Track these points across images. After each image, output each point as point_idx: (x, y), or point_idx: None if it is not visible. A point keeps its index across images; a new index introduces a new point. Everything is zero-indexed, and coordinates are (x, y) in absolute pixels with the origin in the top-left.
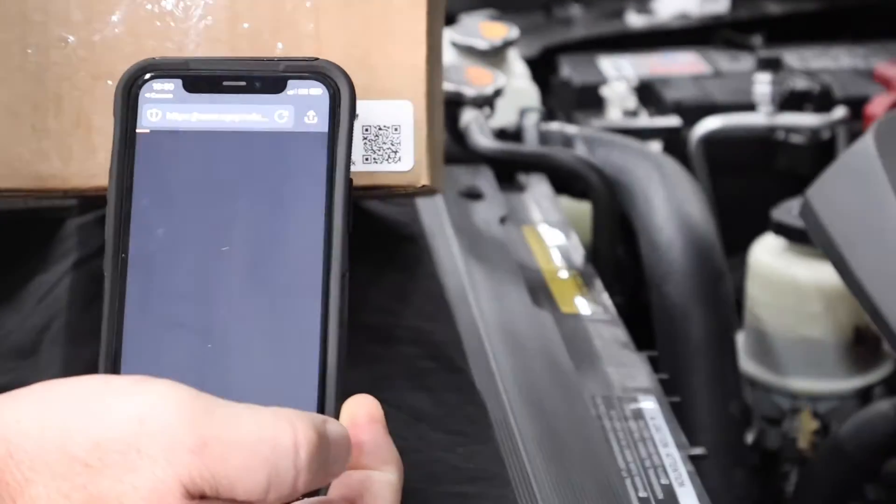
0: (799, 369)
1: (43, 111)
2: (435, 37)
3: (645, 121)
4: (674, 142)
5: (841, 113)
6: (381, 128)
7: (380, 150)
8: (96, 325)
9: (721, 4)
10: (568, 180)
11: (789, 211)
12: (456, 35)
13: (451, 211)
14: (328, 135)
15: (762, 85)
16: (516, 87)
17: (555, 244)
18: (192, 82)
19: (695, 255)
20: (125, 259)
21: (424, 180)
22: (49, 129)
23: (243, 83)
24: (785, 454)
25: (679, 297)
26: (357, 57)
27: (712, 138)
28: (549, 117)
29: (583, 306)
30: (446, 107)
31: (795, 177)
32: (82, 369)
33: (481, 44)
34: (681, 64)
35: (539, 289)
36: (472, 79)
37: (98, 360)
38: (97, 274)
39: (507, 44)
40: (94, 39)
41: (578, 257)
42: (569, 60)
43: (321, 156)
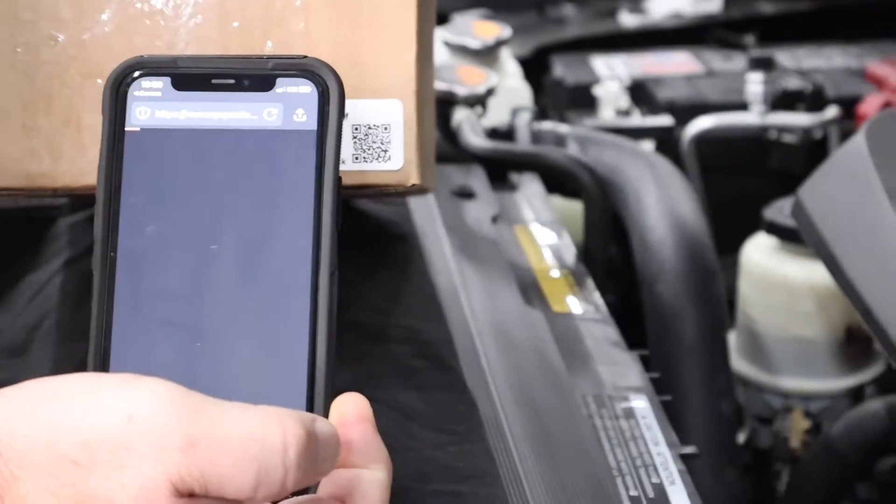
0: (791, 368)
1: (33, 110)
2: (426, 35)
3: (637, 120)
4: (666, 141)
5: (833, 112)
6: (370, 127)
7: (370, 149)
8: (87, 323)
9: (714, 4)
10: (560, 179)
11: (781, 210)
12: (448, 34)
13: (443, 210)
14: (317, 133)
15: (754, 84)
16: (509, 87)
17: (546, 243)
18: (180, 80)
19: (686, 255)
20: (114, 257)
21: (414, 179)
22: (39, 128)
23: (232, 81)
24: (777, 453)
25: (671, 297)
26: (347, 56)
27: (705, 138)
28: (542, 117)
29: (574, 305)
30: (438, 106)
31: (788, 176)
32: (73, 368)
33: (474, 43)
34: (673, 63)
35: (531, 288)
36: (464, 78)
37: (87, 358)
38: (88, 273)
39: (500, 43)
40: (84, 38)
41: (570, 256)
42: (562, 60)
43: (310, 154)
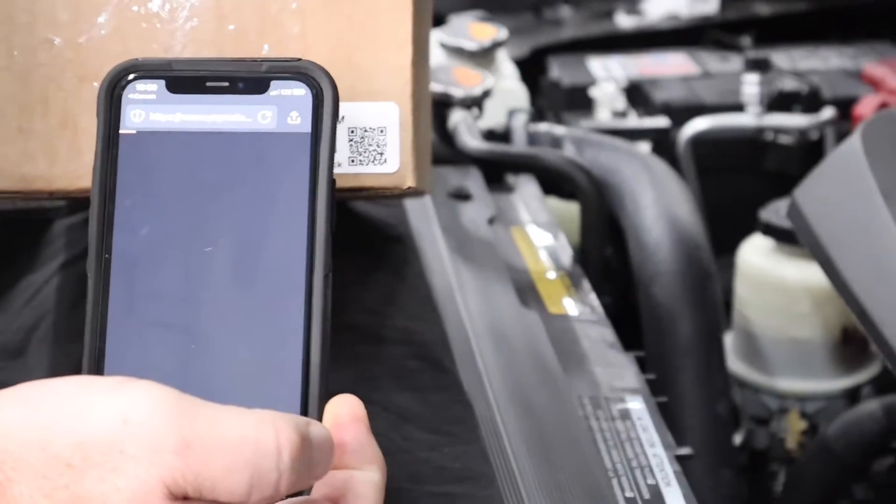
0: (787, 369)
1: (29, 112)
2: (422, 38)
3: (634, 122)
4: (662, 142)
5: (829, 113)
6: (366, 129)
7: (365, 151)
8: (83, 325)
9: (710, 5)
10: (556, 181)
11: (777, 211)
12: (445, 36)
13: (440, 212)
14: (311, 135)
15: (750, 86)
16: (505, 88)
17: (543, 245)
18: (175, 83)
19: (682, 256)
20: (108, 259)
21: (410, 182)
22: (35, 131)
23: (226, 84)
24: (773, 454)
25: (667, 298)
26: (343, 58)
27: (701, 139)
28: (539, 118)
29: (570, 307)
30: (435, 107)
31: (784, 177)
32: (70, 369)
33: (470, 45)
34: (670, 65)
35: (527, 289)
36: (461, 79)
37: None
38: (85, 275)
39: (496, 45)
40: (81, 41)
41: (566, 258)
42: (558, 61)
43: (304, 156)
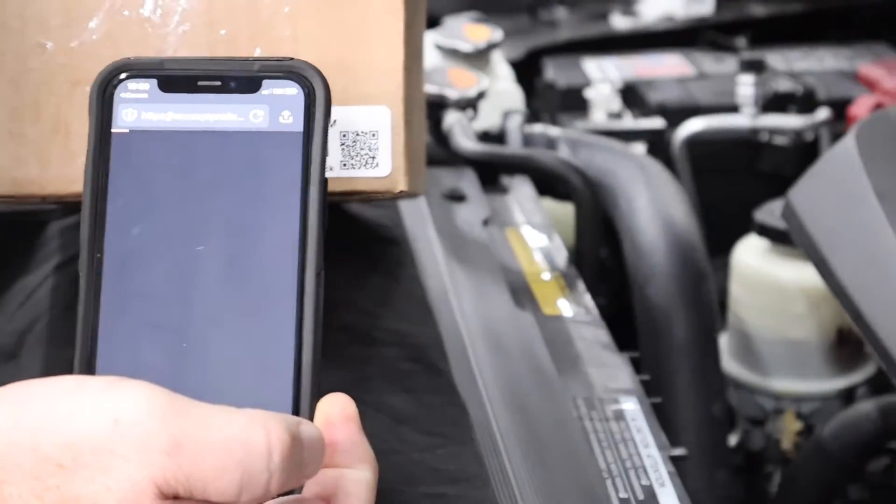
0: (782, 370)
1: (20, 117)
2: (414, 41)
3: (629, 123)
4: (658, 144)
5: (824, 114)
6: (358, 133)
7: (357, 155)
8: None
9: (705, 6)
10: (551, 182)
11: (772, 212)
12: (439, 37)
13: (434, 213)
14: (303, 134)
15: (745, 87)
16: (500, 90)
17: (537, 246)
18: (167, 82)
19: (677, 257)
20: (100, 259)
21: (402, 186)
22: (27, 135)
23: (218, 83)
24: (768, 455)
25: (662, 299)
26: (334, 62)
27: (696, 140)
28: (534, 119)
29: (565, 308)
30: (429, 109)
31: (779, 178)
32: (64, 371)
33: (465, 46)
34: (665, 66)
35: (521, 290)
36: (455, 81)
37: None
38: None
39: (491, 46)
40: (72, 45)
41: (561, 259)
42: (553, 62)
43: (296, 155)
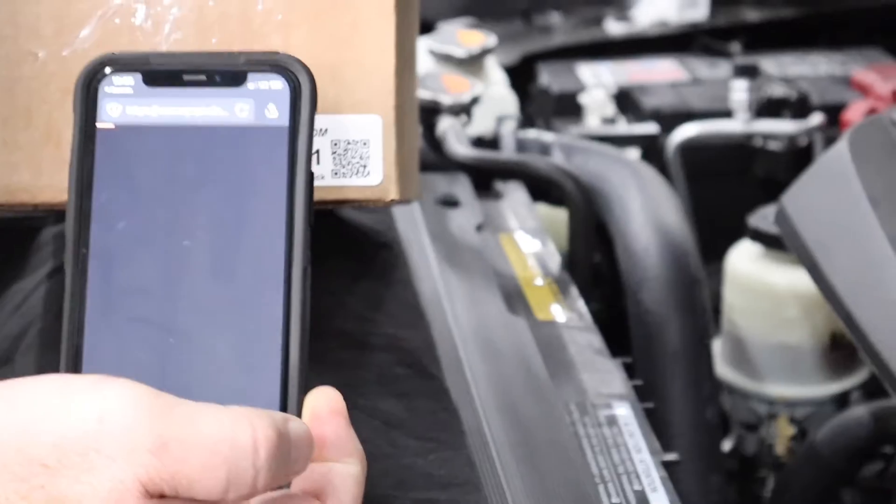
0: (776, 375)
1: (12, 125)
2: (406, 47)
3: (623, 128)
4: (651, 149)
5: (818, 119)
6: (349, 142)
7: (349, 164)
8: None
9: (699, 12)
10: (545, 188)
11: (765, 217)
12: (433, 43)
13: (428, 218)
14: (289, 128)
15: (739, 92)
16: (494, 95)
17: (531, 251)
18: (152, 76)
19: (671, 262)
20: (86, 254)
21: (393, 195)
22: (19, 143)
23: (203, 77)
24: (762, 460)
25: (655, 304)
26: (326, 71)
27: (690, 145)
28: (529, 125)
29: (558, 313)
30: (423, 114)
31: (773, 183)
32: None
33: (458, 51)
34: (659, 71)
35: (514, 296)
36: (449, 87)
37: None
38: None
39: (485, 51)
40: (64, 54)
41: (554, 264)
42: (548, 68)
43: (282, 150)
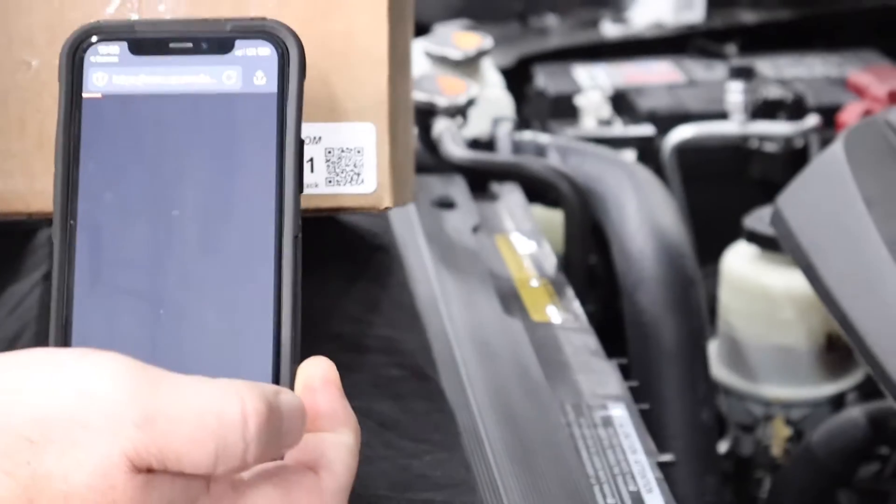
0: (771, 376)
1: (6, 134)
2: (400, 53)
3: (619, 130)
4: (647, 150)
5: (813, 121)
6: (343, 150)
7: (343, 172)
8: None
9: (695, 13)
10: (540, 189)
11: (761, 219)
12: (429, 45)
13: (424, 220)
14: (278, 95)
15: (735, 93)
16: (490, 97)
17: (527, 253)
18: (138, 45)
19: (666, 263)
20: (73, 226)
21: (387, 203)
22: (12, 152)
23: (190, 45)
24: (758, 461)
25: (650, 305)
26: (319, 79)
27: (685, 147)
28: (525, 126)
29: (554, 314)
30: (419, 116)
31: (768, 185)
32: None
33: (454, 53)
34: (655, 73)
35: (510, 297)
36: (445, 88)
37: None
38: None
39: (481, 53)
40: (57, 63)
41: (550, 266)
42: (544, 70)
43: (271, 117)
